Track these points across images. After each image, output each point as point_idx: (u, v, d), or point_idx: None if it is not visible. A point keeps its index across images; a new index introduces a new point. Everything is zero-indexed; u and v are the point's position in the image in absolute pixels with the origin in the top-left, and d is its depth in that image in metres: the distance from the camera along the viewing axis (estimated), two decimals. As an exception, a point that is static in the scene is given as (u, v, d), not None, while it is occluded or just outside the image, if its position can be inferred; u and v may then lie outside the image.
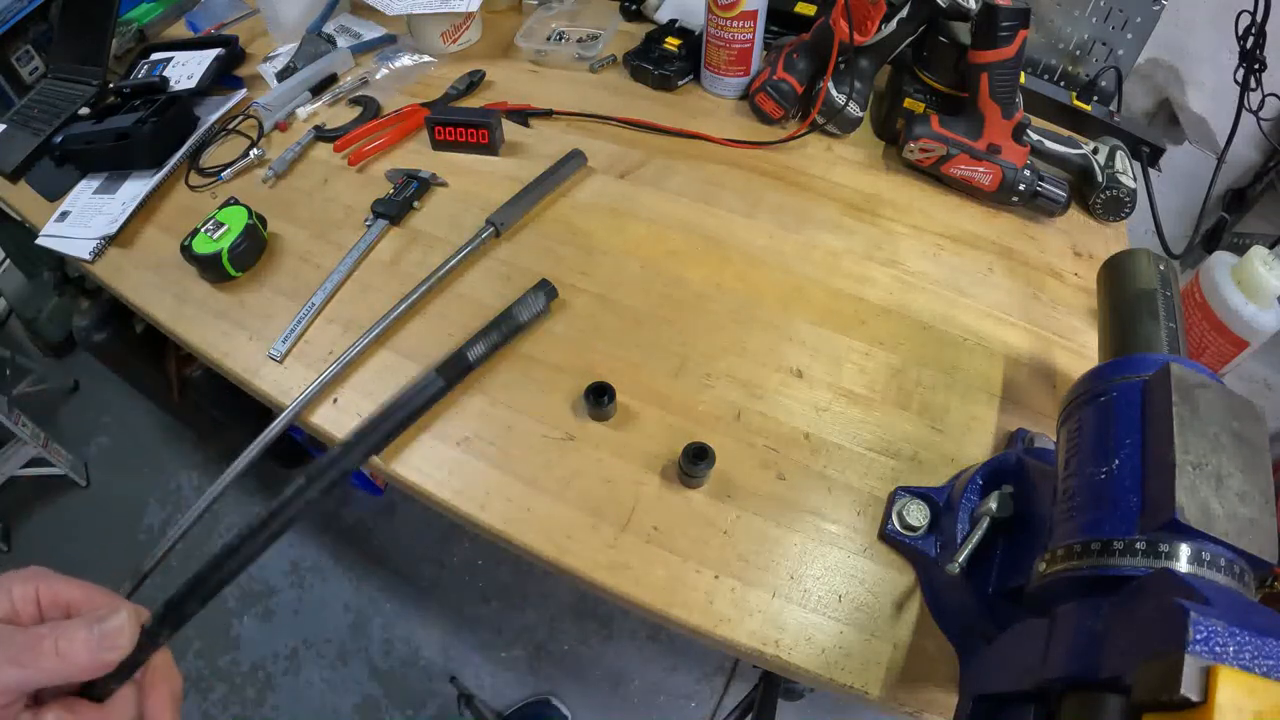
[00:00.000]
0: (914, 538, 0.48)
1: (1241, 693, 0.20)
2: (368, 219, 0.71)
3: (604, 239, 0.69)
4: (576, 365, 0.59)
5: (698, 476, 0.51)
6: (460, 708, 1.17)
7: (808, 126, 0.79)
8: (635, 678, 1.21)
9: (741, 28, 0.77)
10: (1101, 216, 0.72)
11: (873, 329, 0.62)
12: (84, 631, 0.28)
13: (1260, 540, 0.29)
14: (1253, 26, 0.70)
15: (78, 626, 0.28)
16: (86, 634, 0.28)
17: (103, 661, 0.28)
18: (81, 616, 0.29)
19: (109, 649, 0.28)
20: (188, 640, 1.29)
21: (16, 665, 0.27)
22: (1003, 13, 0.61)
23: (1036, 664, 0.28)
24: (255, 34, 1.00)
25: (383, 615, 1.29)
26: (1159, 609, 0.23)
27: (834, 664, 0.45)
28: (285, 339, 0.62)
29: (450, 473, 0.54)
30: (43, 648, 0.27)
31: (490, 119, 0.76)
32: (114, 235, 0.72)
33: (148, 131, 0.76)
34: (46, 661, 0.27)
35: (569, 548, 0.49)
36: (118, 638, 0.28)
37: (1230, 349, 0.60)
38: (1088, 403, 0.37)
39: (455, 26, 0.91)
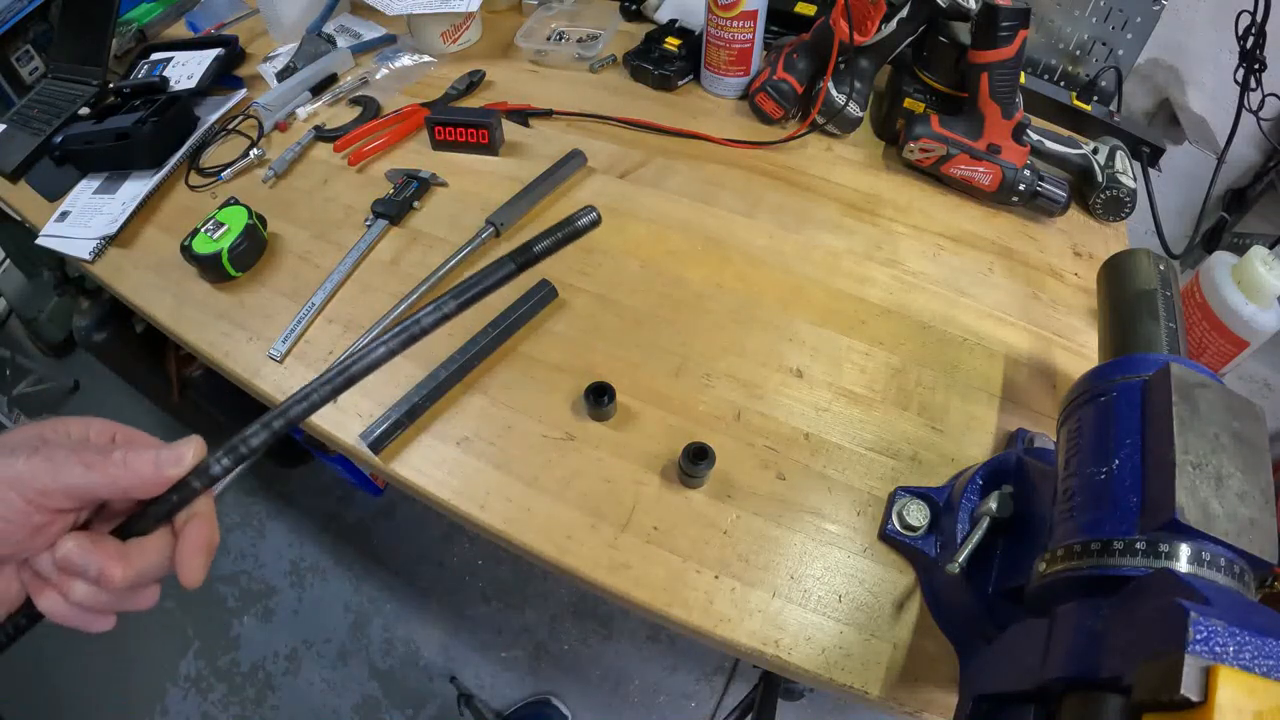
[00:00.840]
0: (914, 538, 0.48)
1: (1241, 693, 0.20)
2: (368, 219, 0.71)
3: (604, 239, 0.69)
4: (576, 365, 0.59)
5: (698, 476, 0.51)
6: (460, 708, 1.17)
7: (808, 126, 0.79)
8: (635, 678, 1.21)
9: (741, 28, 0.77)
10: (1101, 216, 0.72)
11: (873, 329, 0.62)
12: (150, 450, 0.30)
13: (1260, 540, 0.29)
14: (1253, 26, 0.70)
15: (145, 446, 0.30)
16: (152, 452, 0.30)
17: (164, 476, 0.30)
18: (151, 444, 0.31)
19: (171, 464, 0.30)
20: (188, 640, 1.29)
21: (85, 466, 0.28)
22: (1003, 13, 0.61)
23: (1036, 664, 0.28)
24: (255, 34, 1.00)
25: (383, 615, 1.29)
26: (1159, 609, 0.23)
27: (834, 664, 0.45)
28: (285, 339, 0.62)
29: (450, 473, 0.54)
30: (112, 457, 0.29)
31: (490, 119, 0.76)
32: (114, 235, 0.72)
33: (148, 131, 0.76)
34: (113, 469, 0.29)
35: (569, 548, 0.49)
36: (181, 457, 0.30)
37: (1230, 349, 0.60)
38: (1088, 403, 0.37)
39: (455, 26, 0.91)
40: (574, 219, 0.35)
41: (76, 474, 0.28)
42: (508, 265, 0.35)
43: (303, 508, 1.43)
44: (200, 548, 0.31)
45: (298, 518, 1.42)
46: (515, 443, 0.55)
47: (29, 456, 0.28)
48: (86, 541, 0.29)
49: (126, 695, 1.25)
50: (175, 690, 1.24)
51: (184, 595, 1.33)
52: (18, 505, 0.27)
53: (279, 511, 1.43)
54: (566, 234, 0.35)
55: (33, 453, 0.28)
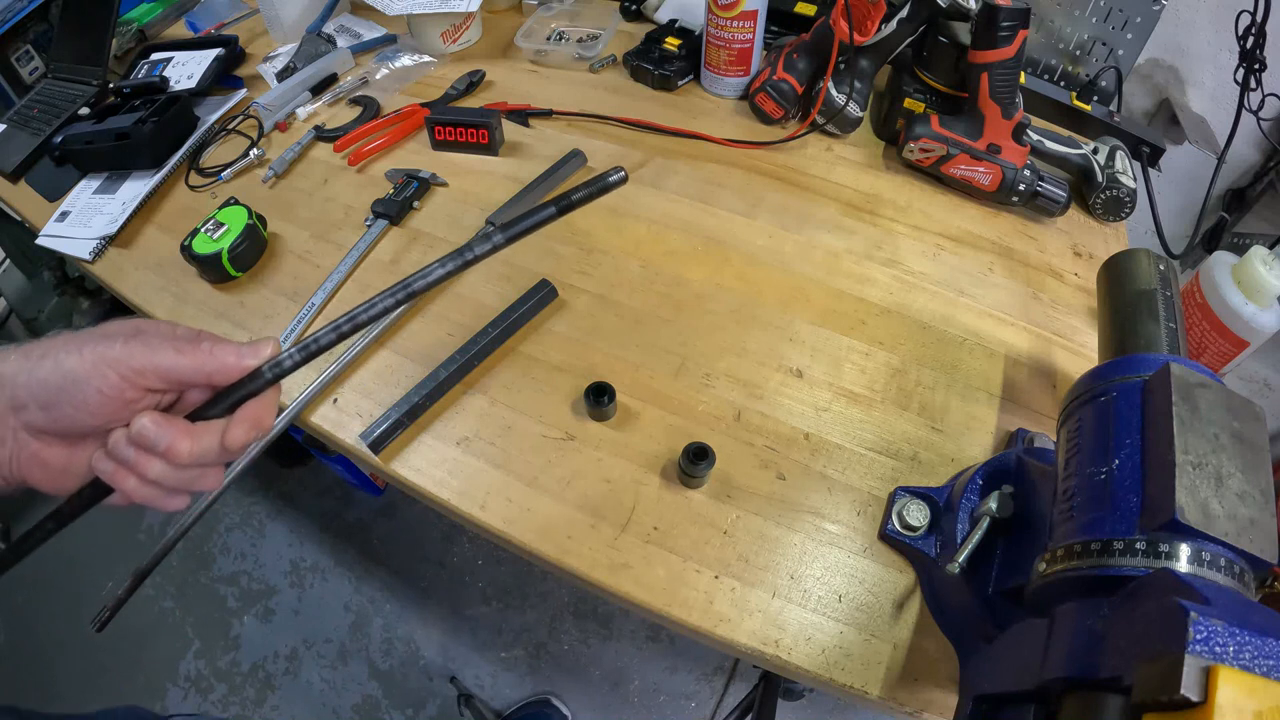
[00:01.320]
0: (914, 538, 0.48)
1: (1241, 693, 0.20)
2: (368, 219, 0.71)
3: (604, 239, 0.69)
4: (576, 365, 0.59)
5: (698, 476, 0.51)
6: (460, 708, 1.17)
7: (808, 126, 0.79)
8: (635, 678, 1.21)
9: (741, 28, 0.77)
10: (1101, 216, 0.72)
11: (873, 329, 0.62)
12: (233, 344, 0.34)
13: (1260, 540, 0.29)
14: (1253, 26, 0.70)
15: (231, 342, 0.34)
16: (236, 345, 0.34)
17: (243, 365, 0.33)
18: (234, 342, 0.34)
19: (251, 356, 0.34)
20: (188, 640, 1.29)
21: (176, 351, 0.32)
22: (1003, 13, 0.61)
23: (1036, 664, 0.28)
24: (255, 34, 1.00)
25: (383, 615, 1.29)
26: (1159, 609, 0.23)
27: (834, 664, 0.45)
28: (285, 339, 0.62)
29: (450, 473, 0.54)
30: (200, 346, 0.33)
31: (490, 119, 0.76)
32: (114, 235, 0.72)
33: (148, 131, 0.76)
34: (201, 355, 0.33)
35: (569, 548, 0.49)
36: (260, 351, 0.34)
37: (1230, 349, 0.60)
38: (1088, 403, 0.37)
39: (455, 26, 0.91)
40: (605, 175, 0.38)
41: (169, 357, 0.32)
42: (549, 209, 0.38)
43: (303, 508, 1.43)
44: (251, 419, 0.34)
45: (298, 518, 1.42)
46: (515, 443, 0.55)
47: (127, 340, 0.32)
48: (159, 417, 0.32)
49: (127, 695, 1.25)
50: (175, 690, 1.24)
51: (184, 595, 1.33)
52: (114, 380, 0.31)
53: (279, 511, 1.43)
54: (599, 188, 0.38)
55: (130, 337, 0.32)
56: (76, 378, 0.31)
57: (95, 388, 0.31)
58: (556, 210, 0.38)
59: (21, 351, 0.32)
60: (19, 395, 0.31)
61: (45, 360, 0.31)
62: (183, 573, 1.36)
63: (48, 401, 0.31)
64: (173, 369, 0.32)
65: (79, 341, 0.32)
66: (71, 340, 0.32)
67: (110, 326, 0.33)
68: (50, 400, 0.31)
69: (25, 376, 0.31)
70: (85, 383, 0.31)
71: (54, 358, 0.31)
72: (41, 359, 0.31)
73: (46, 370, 0.31)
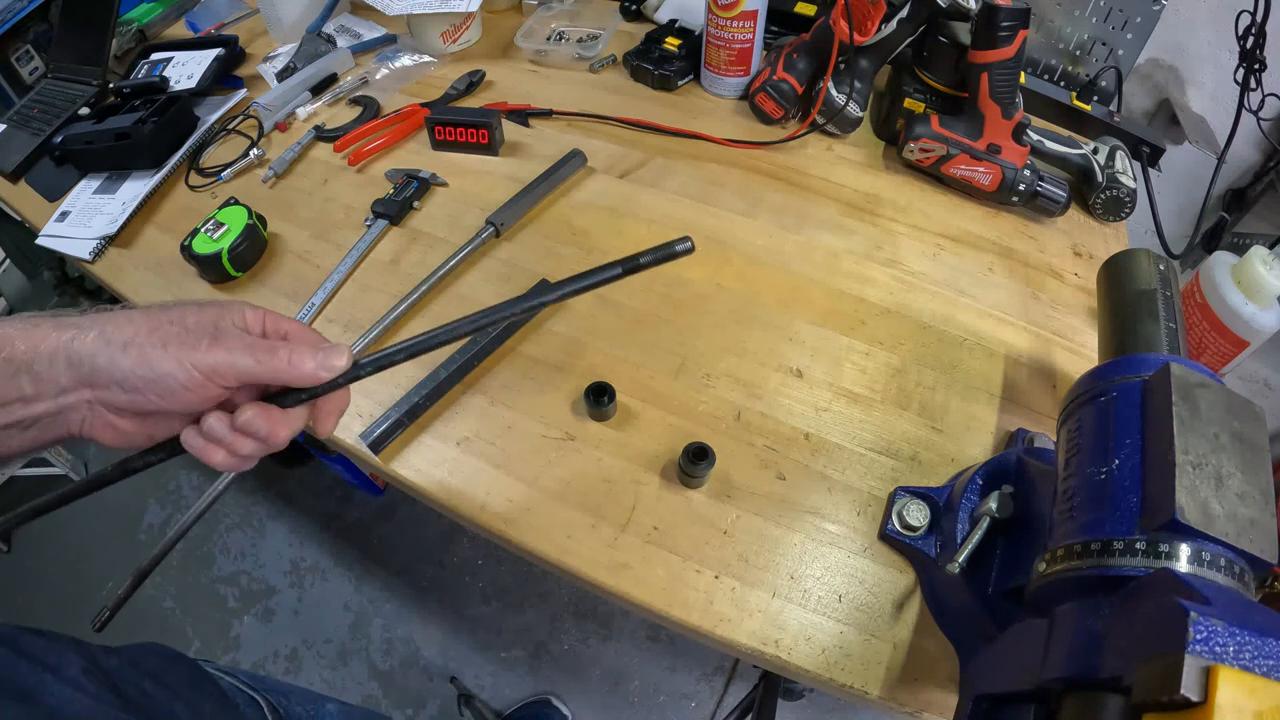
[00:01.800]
0: (914, 538, 0.48)
1: (1241, 693, 0.20)
2: (368, 219, 0.71)
3: (604, 239, 0.69)
4: (576, 365, 0.59)
5: (698, 476, 0.51)
6: (460, 708, 1.17)
7: (808, 126, 0.79)
8: (635, 678, 1.21)
9: (741, 28, 0.77)
10: (1101, 216, 0.72)
11: (873, 329, 0.62)
12: (311, 353, 0.36)
13: (1260, 540, 0.29)
14: (1253, 26, 0.70)
15: (308, 350, 0.36)
16: (313, 355, 0.36)
17: (320, 376, 0.36)
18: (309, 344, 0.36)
19: (329, 368, 0.36)
20: (188, 640, 1.29)
21: (255, 360, 0.34)
22: (1003, 13, 0.61)
23: (1036, 664, 0.28)
24: (255, 34, 1.00)
25: (383, 615, 1.29)
26: (1159, 609, 0.23)
27: (834, 664, 0.45)
28: (285, 339, 0.62)
29: (450, 473, 0.54)
30: (279, 354, 0.35)
31: (490, 119, 0.76)
32: (114, 235, 0.72)
33: (148, 131, 0.76)
34: (279, 364, 0.35)
35: (569, 548, 0.49)
36: (337, 361, 0.36)
37: (1230, 349, 0.60)
38: (1088, 403, 0.37)
39: (455, 26, 0.91)
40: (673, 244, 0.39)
41: (250, 366, 0.34)
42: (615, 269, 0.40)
43: (303, 508, 1.43)
44: (335, 411, 0.39)
45: (298, 518, 1.42)
46: (515, 443, 0.55)
47: (211, 345, 0.34)
48: (262, 410, 0.35)
49: (126, 695, 1.25)
50: (175, 690, 1.24)
51: (184, 595, 1.33)
52: (198, 380, 0.34)
53: (279, 511, 1.43)
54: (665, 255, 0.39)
55: (213, 341, 0.34)
56: (163, 374, 0.33)
57: (181, 384, 0.33)
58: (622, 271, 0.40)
59: (100, 331, 0.33)
60: (99, 377, 0.33)
61: (130, 351, 0.33)
62: (183, 573, 1.36)
63: (133, 389, 0.33)
64: (253, 375, 0.35)
65: (163, 336, 0.34)
66: (155, 332, 0.34)
67: (189, 318, 0.35)
68: (136, 389, 0.33)
69: (107, 361, 0.33)
70: (172, 378, 0.33)
71: (139, 350, 0.33)
72: (125, 348, 0.33)
73: (132, 361, 0.33)
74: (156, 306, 0.36)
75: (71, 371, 0.33)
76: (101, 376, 0.33)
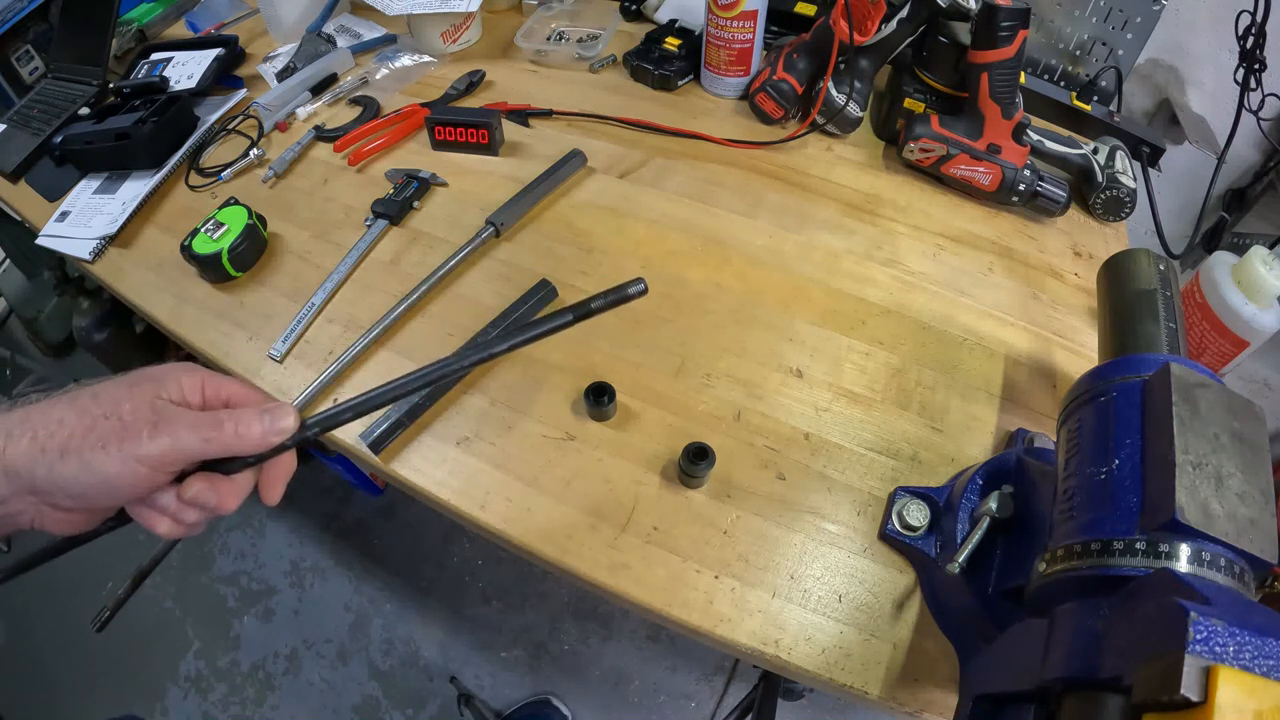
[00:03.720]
0: (914, 538, 0.48)
1: (1241, 693, 0.20)
2: (368, 219, 0.71)
3: (604, 239, 0.69)
4: (576, 365, 0.59)
5: (698, 476, 0.51)
6: (460, 708, 1.17)
7: (808, 126, 0.79)
8: (635, 678, 1.21)
9: (741, 28, 0.77)
10: (1101, 216, 0.72)
11: (873, 329, 0.62)
12: (258, 419, 0.34)
13: (1260, 540, 0.29)
14: (1253, 26, 0.70)
15: (253, 415, 0.34)
16: (259, 422, 0.34)
17: (269, 442, 0.35)
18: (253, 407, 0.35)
19: (278, 432, 0.35)
20: (187, 641, 1.29)
21: (202, 439, 0.33)
22: (1003, 13, 0.61)
23: (1036, 664, 0.28)
24: (255, 34, 1.00)
25: (383, 615, 1.29)
26: (1159, 609, 0.23)
27: (834, 664, 0.45)
28: (285, 339, 0.62)
29: (450, 473, 0.54)
30: (225, 427, 0.33)
31: (490, 119, 0.76)
32: (114, 235, 0.72)
33: (148, 131, 0.76)
34: (227, 438, 0.33)
35: (569, 548, 0.49)
36: (284, 424, 0.35)
37: (1230, 349, 0.60)
38: (1088, 403, 0.37)
39: (455, 26, 0.91)
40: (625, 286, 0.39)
41: (196, 446, 0.33)
42: (566, 316, 0.39)
43: (303, 508, 1.43)
44: (282, 477, 0.37)
45: (298, 518, 1.42)
46: (515, 443, 0.55)
47: (152, 434, 0.32)
48: (209, 482, 0.34)
49: (126, 695, 1.25)
50: (175, 690, 1.24)
51: (184, 595, 1.33)
52: (143, 474, 0.32)
53: (279, 511, 1.43)
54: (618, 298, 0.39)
55: (154, 429, 0.32)
56: (108, 477, 0.31)
57: (127, 483, 0.32)
58: (574, 317, 0.39)
59: (32, 436, 0.31)
60: (40, 486, 0.32)
61: (69, 458, 0.31)
62: (183, 573, 1.36)
63: (78, 495, 0.32)
64: (201, 455, 0.33)
65: (100, 435, 0.31)
66: (91, 432, 0.31)
67: (123, 406, 0.32)
68: (81, 494, 0.32)
69: (46, 471, 0.31)
70: (118, 479, 0.32)
71: (78, 456, 0.31)
72: (63, 455, 0.31)
73: (74, 469, 0.31)
74: (86, 394, 0.33)
75: (10, 483, 0.31)
76: (43, 485, 0.32)
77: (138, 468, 0.32)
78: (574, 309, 0.39)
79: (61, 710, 1.24)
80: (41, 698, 1.26)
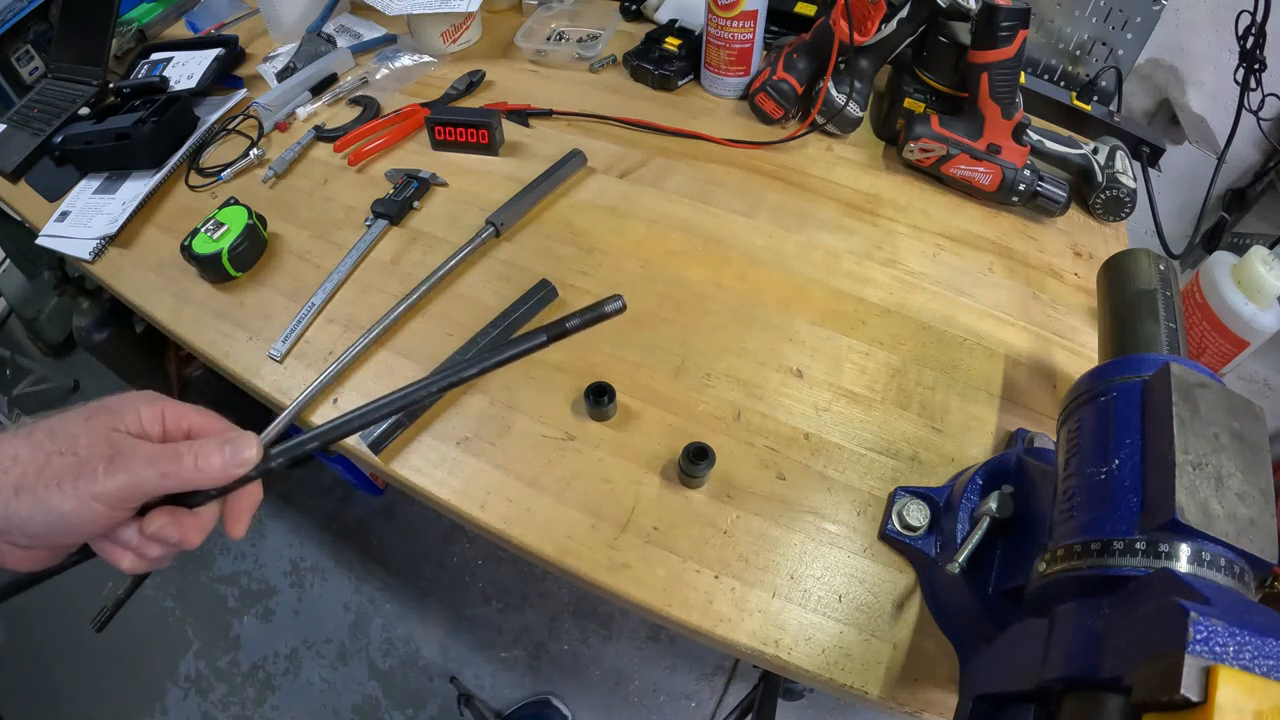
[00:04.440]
0: (914, 538, 0.48)
1: (1241, 693, 0.20)
2: (368, 219, 0.71)
3: (604, 239, 0.69)
4: (576, 365, 0.59)
5: (698, 476, 0.51)
6: (460, 708, 1.17)
7: (808, 126, 0.79)
8: (635, 678, 1.21)
9: (741, 28, 0.77)
10: (1101, 216, 0.72)
11: (873, 329, 0.62)
12: (218, 451, 0.33)
13: (1260, 540, 0.29)
14: (1253, 26, 0.70)
15: (213, 446, 0.33)
16: (219, 451, 0.33)
17: (231, 474, 0.34)
18: (214, 438, 0.34)
19: (239, 464, 0.34)
20: (188, 640, 1.29)
21: (160, 473, 0.32)
22: (1003, 13, 0.61)
23: (1036, 664, 0.28)
24: (255, 34, 1.00)
25: (383, 615, 1.29)
26: (1159, 609, 0.23)
27: (834, 664, 0.45)
28: (285, 339, 0.62)
29: (450, 473, 0.54)
30: (184, 460, 0.32)
31: (490, 119, 0.76)
32: (114, 235, 0.72)
33: (148, 131, 0.76)
34: (186, 471, 0.32)
35: (569, 548, 0.49)
36: (246, 455, 0.34)
37: (1230, 349, 0.60)
38: (1088, 403, 0.37)
39: (455, 26, 0.91)
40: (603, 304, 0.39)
41: (154, 480, 0.32)
42: (540, 336, 0.39)
43: (303, 508, 1.43)
44: (246, 510, 0.36)
45: (298, 518, 1.42)
46: (515, 443, 0.55)
47: (108, 470, 0.31)
48: (171, 518, 0.33)
49: (126, 695, 1.25)
50: (175, 690, 1.24)
51: (184, 595, 1.34)
52: (101, 511, 0.31)
53: (279, 511, 1.43)
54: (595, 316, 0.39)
55: (110, 465, 0.31)
56: (63, 515, 0.30)
57: (85, 521, 0.31)
58: (548, 338, 0.39)
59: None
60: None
61: (23, 496, 0.30)
62: (183, 573, 1.36)
63: (34, 534, 0.31)
64: (161, 490, 0.32)
65: (55, 472, 0.30)
66: (46, 469, 0.30)
67: (79, 441, 0.31)
68: (37, 534, 0.31)
69: (1, 509, 0.30)
70: (74, 516, 0.31)
71: (32, 495, 0.30)
72: (18, 493, 0.30)
73: (28, 508, 0.30)
74: (42, 428, 0.32)
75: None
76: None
77: (95, 505, 0.31)
78: (549, 329, 0.39)
79: (62, 710, 1.24)
80: (41, 697, 1.26)
